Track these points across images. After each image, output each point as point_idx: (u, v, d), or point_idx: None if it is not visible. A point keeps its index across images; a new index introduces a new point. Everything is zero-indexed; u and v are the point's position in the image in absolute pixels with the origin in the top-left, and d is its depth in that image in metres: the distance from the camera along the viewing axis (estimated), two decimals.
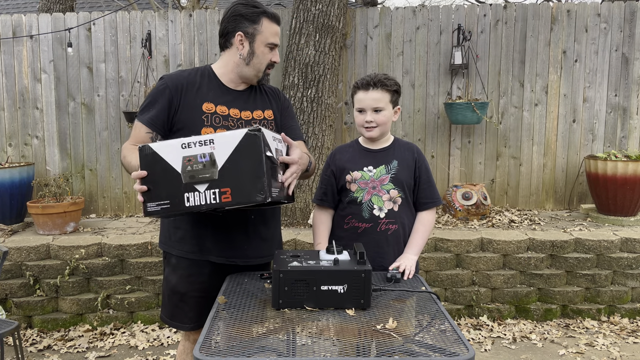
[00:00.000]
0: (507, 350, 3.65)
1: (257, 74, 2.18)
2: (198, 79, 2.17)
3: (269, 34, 2.13)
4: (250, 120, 2.18)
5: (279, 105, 2.32)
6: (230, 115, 2.15)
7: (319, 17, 4.74)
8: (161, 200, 1.79)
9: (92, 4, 10.44)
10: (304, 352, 1.50)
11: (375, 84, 2.20)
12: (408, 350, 1.47)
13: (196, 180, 1.75)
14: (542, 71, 5.25)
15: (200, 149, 1.74)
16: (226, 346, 1.47)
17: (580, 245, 4.17)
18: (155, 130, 2.11)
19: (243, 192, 1.73)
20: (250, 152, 1.72)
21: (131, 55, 5.25)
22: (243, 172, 1.73)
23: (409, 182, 2.27)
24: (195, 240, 2.17)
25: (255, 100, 2.25)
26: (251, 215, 2.18)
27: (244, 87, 2.24)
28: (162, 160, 1.77)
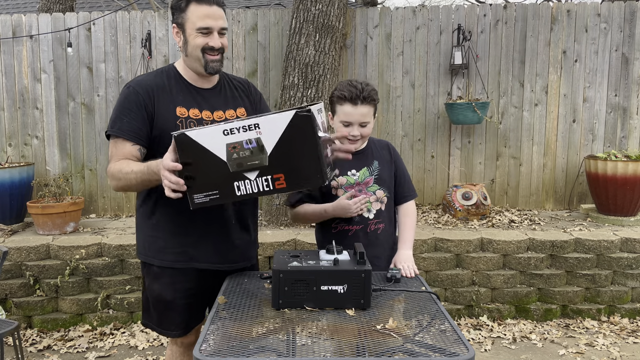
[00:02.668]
0: (507, 350, 3.65)
1: (199, 63, 2.02)
2: (166, 82, 2.06)
3: (195, 17, 1.97)
4: (223, 120, 2.08)
5: (251, 100, 2.23)
6: (203, 118, 2.05)
7: (319, 17, 4.74)
8: (209, 190, 1.69)
9: (92, 4, 10.44)
10: (304, 352, 1.50)
11: (365, 99, 2.15)
12: (408, 350, 1.47)
13: (245, 168, 1.65)
14: (542, 71, 5.25)
15: (245, 135, 1.62)
16: (226, 346, 1.47)
17: (580, 245, 4.17)
18: (140, 144, 1.99)
19: (299, 178, 1.66)
20: (302, 135, 1.61)
21: (131, 55, 5.25)
22: (296, 156, 1.63)
23: (391, 180, 2.30)
24: (177, 249, 2.10)
25: (225, 98, 2.15)
26: (232, 221, 2.11)
27: (211, 84, 2.14)
28: (203, 148, 1.64)
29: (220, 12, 2.02)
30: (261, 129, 1.62)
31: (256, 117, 1.63)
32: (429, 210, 5.18)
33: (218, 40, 2.01)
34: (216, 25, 1.99)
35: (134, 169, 1.88)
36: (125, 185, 1.94)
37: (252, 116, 1.62)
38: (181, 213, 2.03)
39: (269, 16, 5.27)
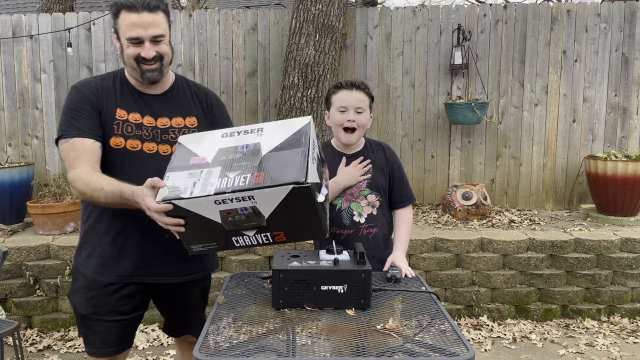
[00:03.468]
0: (507, 350, 3.65)
1: (136, 73, 1.92)
2: (111, 84, 1.97)
3: (125, 27, 1.85)
4: (168, 129, 1.97)
5: (205, 110, 2.09)
6: (143, 123, 1.94)
7: (319, 17, 4.74)
8: (205, 242, 1.64)
9: (92, 4, 10.44)
10: (304, 352, 1.50)
11: (359, 86, 2.21)
12: (408, 350, 1.47)
13: (242, 228, 1.58)
14: (542, 71, 5.25)
15: (238, 204, 1.51)
16: (226, 346, 1.47)
17: (580, 245, 4.17)
18: (100, 142, 1.89)
19: (300, 233, 1.62)
20: (301, 202, 1.51)
21: None
22: (295, 218, 1.55)
23: (384, 185, 2.30)
24: (102, 260, 1.98)
25: (175, 105, 2.03)
26: (165, 235, 1.85)
27: (160, 90, 2.02)
28: (196, 214, 1.55)
29: (151, 18, 1.86)
30: (256, 199, 1.50)
31: (250, 189, 1.49)
32: (428, 210, 5.18)
33: (150, 50, 1.87)
34: (146, 35, 1.85)
35: (104, 188, 1.75)
36: (92, 200, 1.83)
37: (247, 188, 1.49)
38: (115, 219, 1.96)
39: (269, 16, 5.27)
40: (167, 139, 1.96)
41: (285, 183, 1.47)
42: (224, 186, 1.50)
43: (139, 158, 1.92)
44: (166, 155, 1.93)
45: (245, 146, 1.65)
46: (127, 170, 1.88)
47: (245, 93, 5.32)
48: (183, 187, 1.55)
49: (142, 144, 1.93)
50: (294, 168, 1.50)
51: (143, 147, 1.93)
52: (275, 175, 1.49)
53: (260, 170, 1.53)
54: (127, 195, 1.69)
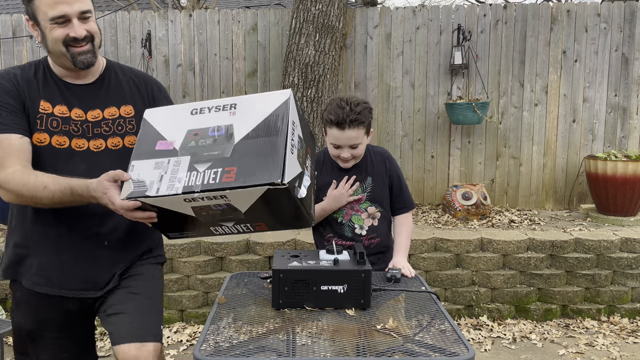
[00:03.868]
0: (507, 350, 3.65)
1: (66, 59, 1.69)
2: (32, 74, 1.75)
3: (45, 6, 1.63)
4: (100, 121, 1.76)
5: (146, 99, 1.86)
6: (71, 117, 1.72)
7: (319, 17, 4.74)
8: (183, 230, 1.56)
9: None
10: (304, 352, 1.50)
11: (352, 123, 2.07)
12: (408, 350, 1.47)
13: (218, 221, 1.49)
14: (542, 71, 5.25)
15: (210, 202, 1.41)
16: (226, 346, 1.47)
17: (580, 245, 4.17)
18: (28, 136, 1.69)
19: (283, 226, 1.53)
20: (280, 202, 1.40)
21: (131, 55, 5.25)
22: (276, 213, 1.45)
23: (385, 196, 2.27)
24: (42, 271, 1.77)
25: (107, 94, 1.80)
26: (104, 242, 1.78)
27: (89, 78, 1.79)
28: (166, 209, 1.46)
29: None
30: (229, 198, 1.38)
31: (221, 189, 1.36)
32: (428, 210, 5.18)
33: (80, 27, 1.65)
34: (72, 11, 1.64)
35: (48, 186, 1.58)
36: (32, 202, 1.64)
37: (217, 188, 1.36)
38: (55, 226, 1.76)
39: (269, 16, 5.28)
40: (100, 132, 1.75)
41: (258, 184, 1.34)
42: (193, 183, 1.39)
43: (66, 156, 1.72)
44: (99, 151, 1.74)
45: (216, 129, 1.49)
46: (53, 170, 1.64)
47: (245, 93, 5.32)
48: (149, 182, 1.44)
49: (70, 141, 1.72)
50: (268, 164, 1.36)
51: (71, 144, 1.72)
52: (248, 173, 1.36)
53: (232, 163, 1.40)
54: (81, 191, 1.55)
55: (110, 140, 1.77)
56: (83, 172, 1.62)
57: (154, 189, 1.42)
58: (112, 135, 1.77)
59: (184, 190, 1.39)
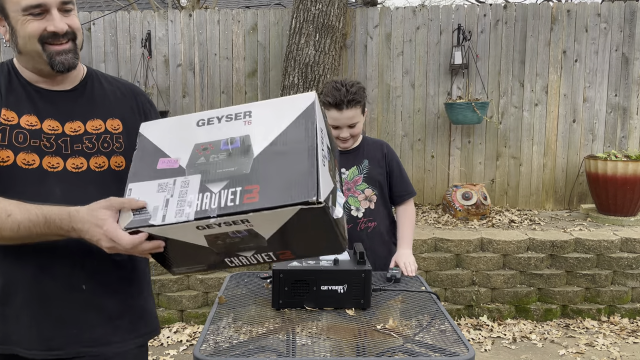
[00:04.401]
0: (507, 350, 3.65)
1: (41, 60, 1.34)
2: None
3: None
4: (82, 136, 1.41)
5: (136, 112, 1.54)
6: (43, 130, 1.37)
7: (319, 17, 4.74)
8: (191, 265, 1.31)
9: (92, 4, 10.44)
10: (304, 352, 1.50)
11: (350, 103, 2.16)
12: (408, 350, 1.47)
13: (237, 249, 1.25)
14: (542, 71, 5.25)
15: (228, 228, 1.17)
16: (226, 346, 1.47)
17: (580, 245, 4.17)
18: None
19: (312, 253, 1.32)
20: (313, 223, 1.18)
21: (131, 55, 5.25)
22: (306, 237, 1.23)
23: (381, 179, 2.31)
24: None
25: (91, 103, 1.47)
26: (82, 285, 1.41)
27: (68, 84, 1.45)
28: (174, 239, 1.21)
29: None
30: (252, 222, 1.15)
31: (242, 212, 1.13)
32: (429, 210, 5.18)
33: (61, 21, 1.33)
34: (44, 1, 1.31)
35: (13, 214, 1.27)
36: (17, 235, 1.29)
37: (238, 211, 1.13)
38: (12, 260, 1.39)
39: (268, 16, 5.27)
40: (81, 149, 1.41)
41: (289, 204, 1.11)
42: (207, 207, 1.15)
43: (36, 178, 1.36)
44: (79, 172, 1.40)
45: (229, 141, 1.26)
46: (18, 197, 1.31)
47: (245, 93, 5.32)
48: (152, 207, 1.19)
49: (40, 159, 1.36)
50: (299, 178, 1.14)
51: (42, 163, 1.36)
52: (274, 191, 1.14)
53: (254, 180, 1.17)
54: (60, 221, 1.24)
55: (94, 159, 1.42)
56: (58, 199, 1.32)
57: (159, 216, 1.18)
58: (96, 154, 1.42)
59: (196, 215, 1.15)
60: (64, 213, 1.24)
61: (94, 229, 1.20)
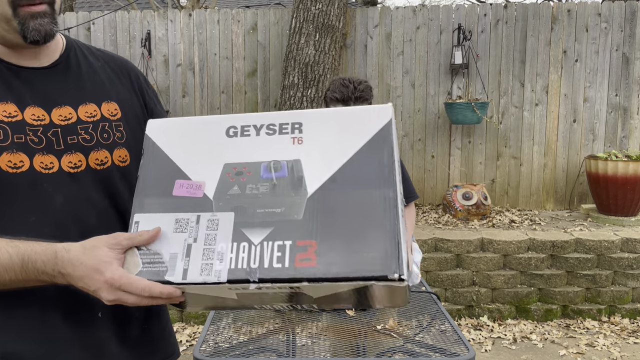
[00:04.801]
0: (507, 350, 3.64)
1: (10, 26, 1.02)
2: None
3: None
4: (75, 125, 1.09)
5: (132, 90, 1.23)
6: (27, 121, 1.05)
7: (319, 16, 4.73)
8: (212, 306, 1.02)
9: (92, 4, 10.44)
10: (304, 352, 1.49)
11: (357, 99, 2.13)
12: (408, 351, 1.46)
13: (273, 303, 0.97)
14: (542, 71, 5.25)
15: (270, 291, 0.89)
16: (226, 347, 1.47)
17: (580, 246, 4.16)
18: None
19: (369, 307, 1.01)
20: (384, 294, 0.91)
21: (130, 55, 5.24)
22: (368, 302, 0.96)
23: None
24: None
25: (79, 83, 1.15)
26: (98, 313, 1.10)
27: (48, 59, 1.12)
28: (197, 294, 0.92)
29: None
30: (302, 289, 0.88)
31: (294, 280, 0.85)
32: (429, 210, 5.17)
33: None
34: None
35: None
36: None
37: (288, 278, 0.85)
38: None
39: (268, 16, 5.27)
40: (77, 142, 1.09)
41: (360, 277, 0.83)
42: (245, 265, 0.87)
43: (27, 185, 1.03)
44: (78, 172, 1.08)
45: (273, 166, 0.95)
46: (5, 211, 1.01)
47: (245, 93, 5.32)
48: (167, 255, 0.90)
49: (30, 159, 1.04)
50: (373, 239, 0.86)
51: (34, 164, 1.04)
52: (337, 254, 0.85)
53: (308, 233, 0.88)
54: (42, 265, 0.93)
55: (94, 154, 1.10)
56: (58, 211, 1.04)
57: (178, 270, 0.89)
58: (95, 148, 1.11)
59: (230, 277, 0.87)
60: (48, 253, 0.92)
61: (91, 275, 0.89)
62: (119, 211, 1.14)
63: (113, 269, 0.89)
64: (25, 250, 0.94)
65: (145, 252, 0.91)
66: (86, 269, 0.90)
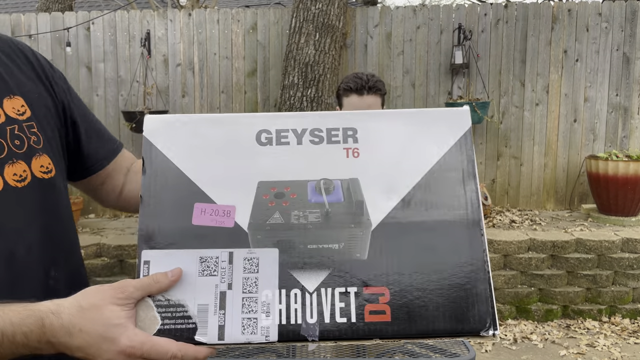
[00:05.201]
0: (507, 351, 3.63)
1: None
2: None
3: None
4: None
5: (36, 76, 0.94)
6: None
7: (319, 16, 4.73)
8: None
9: (91, 4, 10.43)
10: (304, 353, 1.48)
11: (371, 89, 2.14)
12: (408, 351, 1.45)
13: None
14: (543, 71, 5.24)
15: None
16: (225, 347, 1.46)
17: (581, 246, 4.15)
18: None
19: None
20: None
21: (130, 55, 5.24)
22: None
23: None
24: None
25: None
26: None
27: None
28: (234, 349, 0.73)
29: None
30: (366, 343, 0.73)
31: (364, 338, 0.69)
32: None
33: None
34: None
35: None
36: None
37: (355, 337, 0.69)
38: None
39: (268, 15, 5.26)
40: None
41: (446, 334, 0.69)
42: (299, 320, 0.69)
43: None
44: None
45: (323, 187, 0.75)
46: None
47: (245, 92, 5.31)
48: (195, 308, 0.70)
49: None
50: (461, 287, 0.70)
51: None
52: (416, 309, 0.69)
53: (376, 278, 0.71)
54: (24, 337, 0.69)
55: (9, 169, 0.83)
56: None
57: (212, 329, 0.70)
58: (8, 160, 0.83)
59: (282, 337, 0.70)
60: (30, 322, 0.69)
61: (99, 345, 0.68)
62: (53, 241, 0.87)
63: (129, 335, 0.68)
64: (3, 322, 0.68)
65: (162, 302, 0.70)
66: (89, 338, 0.68)
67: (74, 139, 0.98)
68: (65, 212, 0.87)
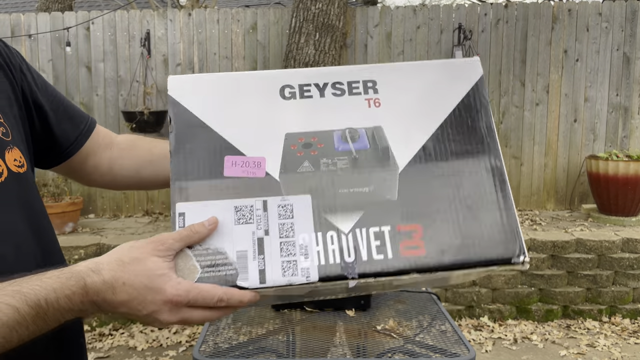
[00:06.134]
0: (508, 351, 3.63)
1: None
2: None
3: None
4: None
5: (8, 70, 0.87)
6: None
7: (319, 16, 4.72)
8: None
9: (91, 3, 10.43)
10: (304, 353, 1.48)
11: None
12: (408, 351, 1.45)
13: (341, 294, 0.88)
14: (543, 70, 5.24)
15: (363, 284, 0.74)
16: (225, 347, 1.46)
17: (581, 246, 4.15)
18: None
19: None
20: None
21: (130, 55, 5.23)
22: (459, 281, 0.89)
23: None
24: None
25: None
26: None
27: None
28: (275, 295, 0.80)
29: None
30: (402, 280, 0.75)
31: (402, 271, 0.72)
32: None
33: None
34: None
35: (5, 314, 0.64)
36: None
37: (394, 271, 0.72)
38: None
39: (268, 15, 5.26)
40: None
41: (480, 263, 0.73)
42: (338, 259, 0.71)
43: None
44: None
45: (348, 135, 0.78)
46: None
47: None
48: (234, 255, 0.72)
49: None
50: (489, 219, 0.74)
51: None
52: (449, 242, 0.73)
53: (408, 215, 0.74)
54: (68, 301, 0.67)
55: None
56: None
57: (252, 274, 0.71)
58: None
59: (323, 276, 0.71)
60: (71, 284, 0.67)
61: (144, 296, 0.68)
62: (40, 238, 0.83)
63: (173, 284, 0.69)
64: (36, 293, 0.66)
65: (201, 251, 0.71)
66: (133, 291, 0.68)
67: (41, 125, 0.92)
68: (41, 207, 0.85)
